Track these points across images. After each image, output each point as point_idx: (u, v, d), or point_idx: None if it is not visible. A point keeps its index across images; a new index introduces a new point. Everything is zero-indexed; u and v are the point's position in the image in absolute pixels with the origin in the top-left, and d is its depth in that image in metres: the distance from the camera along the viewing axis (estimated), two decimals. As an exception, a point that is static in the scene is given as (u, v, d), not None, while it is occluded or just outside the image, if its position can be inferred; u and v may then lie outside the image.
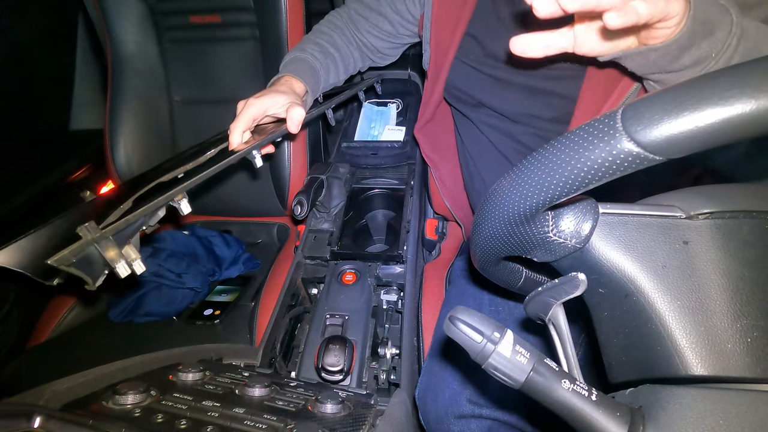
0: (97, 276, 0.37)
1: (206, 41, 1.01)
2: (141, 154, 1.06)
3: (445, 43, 0.68)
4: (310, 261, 0.76)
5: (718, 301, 0.26)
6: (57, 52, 1.20)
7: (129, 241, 0.40)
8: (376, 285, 0.70)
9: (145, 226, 0.43)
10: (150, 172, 0.57)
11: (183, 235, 0.98)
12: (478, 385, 0.59)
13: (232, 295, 0.92)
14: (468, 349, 0.29)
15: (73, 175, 1.16)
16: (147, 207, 0.42)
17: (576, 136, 0.25)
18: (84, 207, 0.47)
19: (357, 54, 0.81)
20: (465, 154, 0.79)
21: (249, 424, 0.35)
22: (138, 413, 0.34)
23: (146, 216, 0.42)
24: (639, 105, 0.23)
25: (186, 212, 0.47)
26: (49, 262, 0.33)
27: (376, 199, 0.87)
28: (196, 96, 1.06)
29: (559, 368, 0.28)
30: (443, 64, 0.69)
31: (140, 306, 0.85)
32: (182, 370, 0.43)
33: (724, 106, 0.21)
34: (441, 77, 0.70)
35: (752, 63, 0.21)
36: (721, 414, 0.24)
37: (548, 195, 0.27)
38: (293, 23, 0.92)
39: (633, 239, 0.29)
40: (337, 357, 0.54)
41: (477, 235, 0.34)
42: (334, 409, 0.39)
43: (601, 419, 0.26)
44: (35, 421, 0.32)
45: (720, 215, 0.28)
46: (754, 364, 0.25)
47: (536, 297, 0.33)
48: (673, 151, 0.22)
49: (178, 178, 0.51)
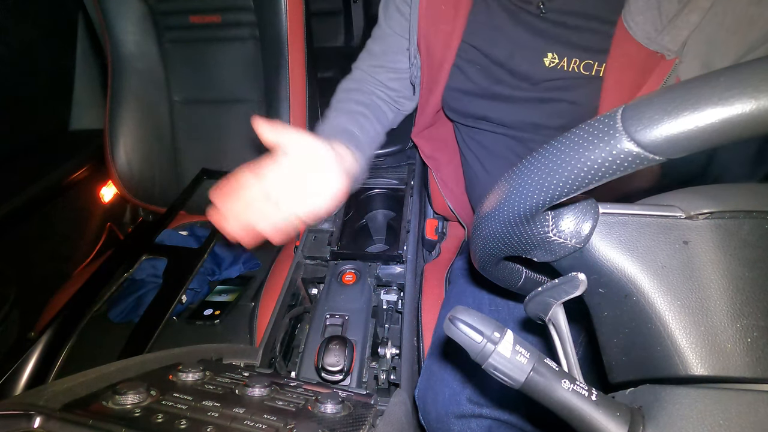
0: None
1: (206, 41, 1.01)
2: (141, 154, 1.06)
3: (438, 56, 0.64)
4: (310, 261, 0.76)
5: (718, 300, 0.26)
6: (57, 52, 1.20)
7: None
8: (376, 285, 0.70)
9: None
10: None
11: (182, 235, 0.98)
12: (478, 384, 0.59)
13: (232, 295, 0.92)
14: (468, 349, 0.29)
15: (73, 175, 1.15)
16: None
17: (576, 136, 0.25)
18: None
19: (384, 105, 0.75)
20: (466, 158, 0.78)
21: (249, 424, 0.35)
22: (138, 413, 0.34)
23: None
24: (639, 105, 0.23)
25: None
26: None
27: (376, 199, 0.87)
28: (196, 96, 1.06)
29: (559, 368, 0.28)
30: (437, 77, 0.66)
31: (140, 306, 0.86)
32: (182, 370, 0.43)
33: (724, 106, 0.21)
34: (436, 89, 0.68)
35: (752, 63, 0.21)
36: (721, 414, 0.24)
37: (548, 195, 0.27)
38: (293, 23, 0.92)
39: (633, 239, 0.29)
40: (337, 357, 0.54)
41: (477, 235, 0.34)
42: (334, 409, 0.39)
43: (601, 419, 0.26)
44: (35, 421, 0.32)
45: (720, 215, 0.28)
46: (754, 364, 0.25)
47: (536, 297, 0.33)
48: (673, 151, 0.22)
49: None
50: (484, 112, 0.65)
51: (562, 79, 0.57)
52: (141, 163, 1.06)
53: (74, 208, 1.19)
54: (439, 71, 0.66)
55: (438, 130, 0.81)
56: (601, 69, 0.55)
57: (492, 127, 0.67)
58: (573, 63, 0.56)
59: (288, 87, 0.95)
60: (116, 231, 1.30)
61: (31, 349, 0.73)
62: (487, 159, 0.72)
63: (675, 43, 0.49)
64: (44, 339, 0.74)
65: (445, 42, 0.63)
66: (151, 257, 0.90)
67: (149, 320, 0.75)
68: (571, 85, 0.57)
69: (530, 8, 0.57)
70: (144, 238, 0.93)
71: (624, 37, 0.51)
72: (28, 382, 0.71)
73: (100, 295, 0.82)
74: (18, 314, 1.00)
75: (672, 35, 0.49)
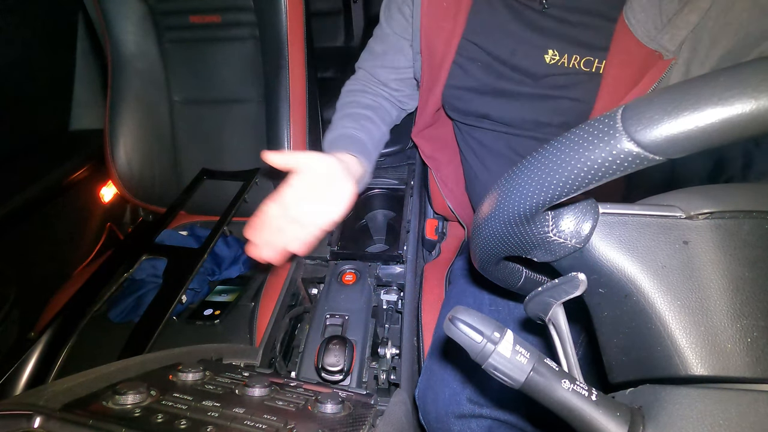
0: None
1: (206, 41, 1.01)
2: (141, 154, 1.06)
3: (439, 54, 0.65)
4: (310, 261, 0.76)
5: (718, 301, 0.26)
6: (57, 52, 1.20)
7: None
8: (376, 285, 0.70)
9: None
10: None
11: (182, 235, 0.98)
12: (478, 384, 0.59)
13: (232, 295, 0.92)
14: (468, 349, 0.29)
15: (73, 175, 1.15)
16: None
17: (576, 136, 0.25)
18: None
19: (387, 104, 0.77)
20: (466, 157, 0.78)
21: (249, 424, 0.35)
22: (138, 413, 0.34)
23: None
24: (639, 105, 0.23)
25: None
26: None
27: (376, 199, 0.87)
28: (196, 96, 1.06)
29: (559, 368, 0.28)
30: (438, 75, 0.66)
31: (140, 306, 0.85)
32: (182, 370, 0.43)
33: (724, 106, 0.21)
34: (436, 87, 0.68)
35: (752, 63, 0.21)
36: (721, 414, 0.24)
37: (548, 195, 0.27)
38: (293, 23, 0.92)
39: (633, 239, 0.29)
40: (337, 357, 0.54)
41: (477, 235, 0.34)
42: (334, 409, 0.39)
43: (601, 419, 0.26)
44: (35, 421, 0.32)
45: (720, 215, 0.28)
46: (754, 364, 0.25)
47: (536, 297, 0.33)
48: (673, 151, 0.22)
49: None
50: (486, 109, 0.65)
51: (563, 75, 0.57)
52: (141, 163, 1.06)
53: (74, 208, 1.19)
54: (440, 69, 0.66)
55: (438, 130, 0.81)
56: (602, 66, 0.55)
57: (493, 125, 0.67)
58: (573, 59, 0.56)
59: (288, 87, 0.95)
60: (116, 231, 1.30)
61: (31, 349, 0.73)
62: (488, 157, 0.72)
63: (673, 42, 0.49)
64: (44, 339, 0.74)
65: (446, 39, 0.63)
66: (151, 257, 0.90)
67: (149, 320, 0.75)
68: (572, 82, 0.57)
69: (533, 4, 0.58)
70: (144, 238, 0.93)
71: (624, 33, 0.52)
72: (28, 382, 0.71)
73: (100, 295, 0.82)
74: (18, 314, 1.00)
75: (671, 34, 0.49)
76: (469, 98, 0.66)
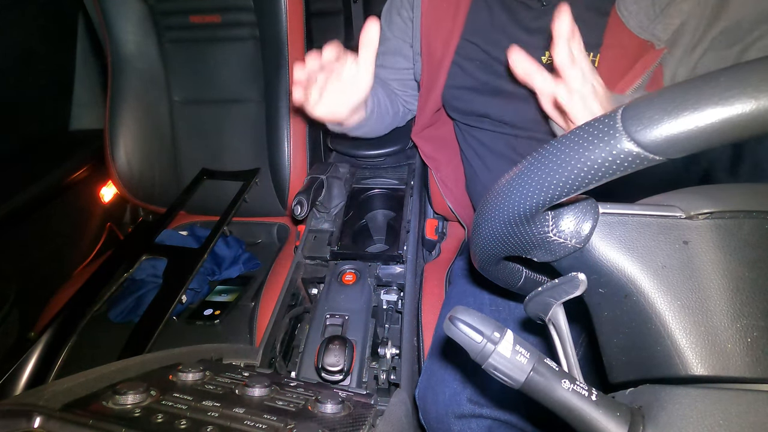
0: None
1: (206, 41, 1.01)
2: (141, 154, 1.06)
3: (438, 54, 0.66)
4: (310, 261, 0.76)
5: (718, 301, 0.26)
6: (57, 53, 1.20)
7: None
8: (376, 285, 0.70)
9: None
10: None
11: (182, 235, 0.98)
12: (478, 384, 0.59)
13: (232, 295, 0.92)
14: (468, 349, 0.29)
15: (73, 175, 1.15)
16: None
17: (576, 136, 0.25)
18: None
19: (389, 103, 0.78)
20: (466, 157, 0.78)
21: (249, 424, 0.35)
22: (138, 413, 0.34)
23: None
24: (639, 104, 0.23)
25: None
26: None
27: (376, 199, 0.87)
28: (196, 96, 1.06)
29: (559, 368, 0.28)
30: (437, 75, 0.67)
31: (140, 306, 0.85)
32: (182, 370, 0.43)
33: (724, 106, 0.21)
34: (436, 88, 0.69)
35: (752, 63, 0.21)
36: (721, 414, 0.24)
37: (548, 195, 0.27)
38: (293, 23, 0.92)
39: (633, 239, 0.29)
40: (337, 357, 0.54)
41: (477, 235, 0.34)
42: (334, 409, 0.39)
43: (601, 419, 0.26)
44: (35, 421, 0.32)
45: (720, 215, 0.28)
46: (754, 364, 0.25)
47: (536, 297, 0.33)
48: (673, 151, 0.22)
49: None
50: (485, 109, 0.66)
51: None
52: (141, 163, 1.06)
53: (74, 208, 1.19)
54: (439, 70, 0.67)
55: (438, 130, 0.82)
56: (596, 60, 0.56)
57: (493, 124, 0.67)
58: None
59: (288, 87, 0.95)
60: (116, 231, 1.30)
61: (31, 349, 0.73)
62: (488, 157, 0.72)
63: (666, 32, 0.50)
64: (44, 339, 0.74)
65: (445, 40, 0.64)
66: (151, 257, 0.90)
67: (149, 320, 0.75)
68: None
69: (531, 3, 0.58)
70: (144, 238, 0.93)
71: (617, 26, 0.52)
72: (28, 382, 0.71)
73: (100, 295, 0.82)
74: (18, 314, 1.00)
75: (664, 24, 0.50)
76: (468, 98, 0.67)
